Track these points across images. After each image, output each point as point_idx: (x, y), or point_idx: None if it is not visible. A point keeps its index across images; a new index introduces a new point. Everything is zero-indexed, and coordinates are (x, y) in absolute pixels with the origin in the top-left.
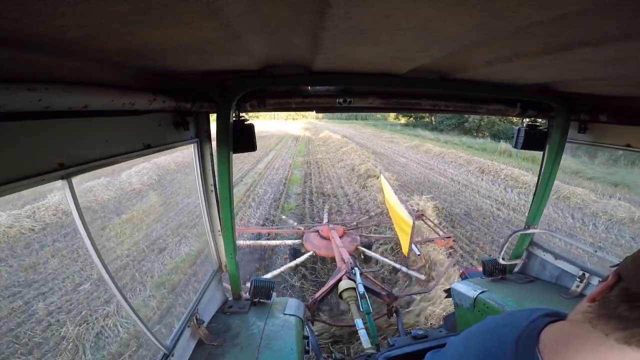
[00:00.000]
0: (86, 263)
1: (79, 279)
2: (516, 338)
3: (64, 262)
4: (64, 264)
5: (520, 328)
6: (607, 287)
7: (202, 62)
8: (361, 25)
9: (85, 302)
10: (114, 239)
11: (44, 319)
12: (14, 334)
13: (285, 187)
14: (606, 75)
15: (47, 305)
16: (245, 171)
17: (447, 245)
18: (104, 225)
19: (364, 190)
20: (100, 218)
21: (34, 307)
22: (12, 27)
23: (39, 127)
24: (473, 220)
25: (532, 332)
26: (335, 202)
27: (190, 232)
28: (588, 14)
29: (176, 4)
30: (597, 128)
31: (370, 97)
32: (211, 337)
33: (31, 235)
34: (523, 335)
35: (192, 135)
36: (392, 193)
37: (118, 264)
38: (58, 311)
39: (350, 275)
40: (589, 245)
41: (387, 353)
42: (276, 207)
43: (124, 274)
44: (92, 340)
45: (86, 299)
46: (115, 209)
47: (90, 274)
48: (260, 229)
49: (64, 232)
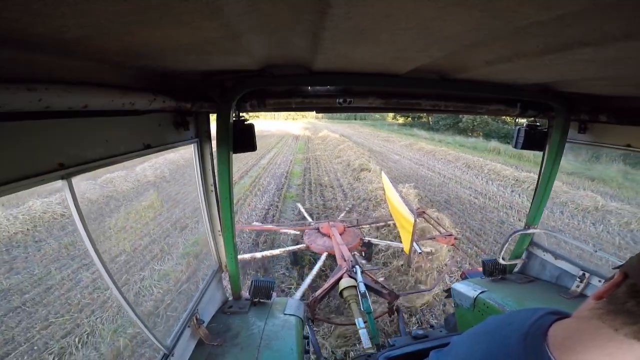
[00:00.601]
0: (116, 239)
1: (116, 251)
2: (523, 335)
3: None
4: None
5: (526, 326)
6: (614, 284)
7: (202, 62)
8: (361, 25)
9: (125, 269)
10: (140, 221)
11: (89, 284)
12: (66, 297)
13: (287, 179)
14: (606, 75)
15: (91, 273)
16: (250, 166)
17: (448, 243)
18: (128, 210)
19: (357, 182)
20: (123, 205)
21: (80, 276)
22: (12, 27)
23: (39, 127)
24: (451, 206)
25: (539, 329)
26: (331, 192)
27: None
28: (588, 14)
29: (176, 4)
30: (597, 128)
31: (370, 97)
32: (211, 337)
33: (63, 219)
34: (530, 332)
35: (192, 135)
36: (393, 190)
37: (147, 240)
38: (101, 278)
39: (351, 274)
40: (590, 246)
41: (387, 353)
42: (279, 195)
43: (153, 247)
44: (132, 299)
45: (125, 267)
46: (135, 197)
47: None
48: (261, 227)
49: (92, 216)
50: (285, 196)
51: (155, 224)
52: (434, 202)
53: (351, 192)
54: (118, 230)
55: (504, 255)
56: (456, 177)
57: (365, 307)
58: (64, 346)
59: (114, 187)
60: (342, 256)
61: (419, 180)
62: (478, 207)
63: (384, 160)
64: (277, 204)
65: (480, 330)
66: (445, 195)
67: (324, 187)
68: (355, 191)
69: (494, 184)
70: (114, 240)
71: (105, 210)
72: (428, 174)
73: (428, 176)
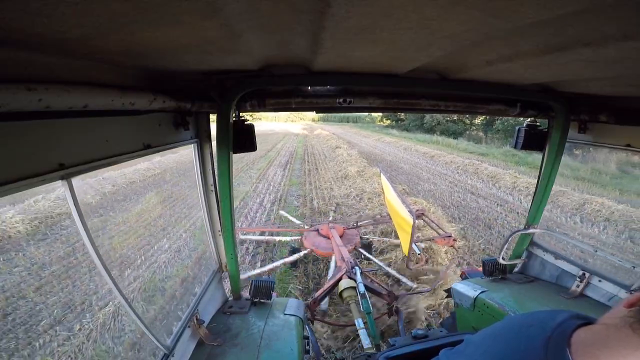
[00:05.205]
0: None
1: (142, 230)
2: (546, 339)
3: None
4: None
5: (548, 329)
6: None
7: (202, 62)
8: (361, 25)
9: (142, 245)
10: (165, 204)
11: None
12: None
13: (293, 156)
14: (606, 75)
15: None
16: (266, 150)
17: (448, 244)
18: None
19: (333, 153)
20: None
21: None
22: (12, 27)
23: (39, 127)
24: (388, 167)
25: (563, 334)
26: (319, 157)
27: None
28: (588, 14)
29: (176, 4)
30: (597, 128)
31: (370, 97)
32: (211, 337)
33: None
34: (553, 336)
35: (192, 135)
36: (393, 192)
37: (166, 220)
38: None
39: (350, 275)
40: (590, 246)
41: (387, 353)
42: (290, 162)
43: (174, 230)
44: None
45: (139, 244)
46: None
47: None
48: (262, 228)
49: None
50: (295, 157)
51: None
52: (371, 162)
53: (328, 156)
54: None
55: (504, 255)
56: (395, 154)
57: (364, 307)
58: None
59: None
60: (341, 257)
61: (370, 155)
62: (403, 171)
63: (355, 146)
64: (291, 161)
65: (498, 330)
66: (383, 161)
67: (316, 155)
68: (329, 157)
69: (420, 158)
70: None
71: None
72: (378, 152)
73: (378, 153)
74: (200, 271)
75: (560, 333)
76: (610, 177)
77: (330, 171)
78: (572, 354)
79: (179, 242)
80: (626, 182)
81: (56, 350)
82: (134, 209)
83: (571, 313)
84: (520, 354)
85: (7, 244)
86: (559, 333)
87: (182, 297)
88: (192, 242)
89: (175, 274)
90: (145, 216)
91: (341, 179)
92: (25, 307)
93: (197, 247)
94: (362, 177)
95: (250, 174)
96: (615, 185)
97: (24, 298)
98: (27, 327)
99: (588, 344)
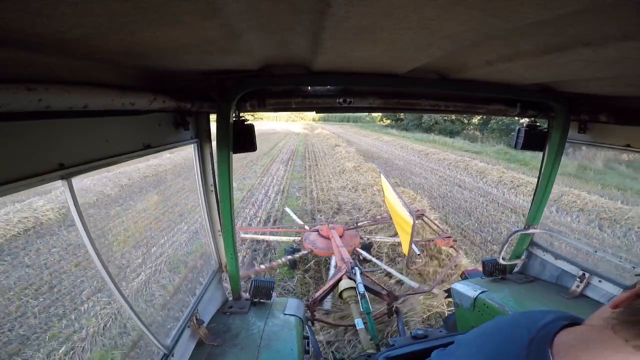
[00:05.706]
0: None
1: (147, 221)
2: (530, 339)
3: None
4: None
5: (534, 329)
6: (634, 294)
7: (202, 62)
8: (361, 25)
9: (148, 238)
10: (176, 195)
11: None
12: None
13: (294, 154)
14: (606, 75)
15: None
16: (269, 148)
17: (447, 245)
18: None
19: (332, 150)
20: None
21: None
22: (12, 27)
23: (39, 127)
24: (383, 163)
25: (547, 335)
26: (319, 154)
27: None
28: (588, 14)
29: (176, 4)
30: (597, 128)
31: (371, 97)
32: (211, 337)
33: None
34: (537, 336)
35: (192, 135)
36: (393, 192)
37: (179, 209)
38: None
39: (350, 275)
40: (590, 246)
41: (387, 353)
42: (292, 158)
43: (189, 218)
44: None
45: (145, 239)
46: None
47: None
48: (262, 229)
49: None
50: (296, 154)
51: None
52: (367, 158)
53: (328, 153)
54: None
55: (504, 255)
56: (391, 152)
57: (364, 307)
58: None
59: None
60: (341, 258)
61: (367, 153)
62: (397, 167)
63: (353, 144)
64: (293, 158)
65: (488, 330)
66: (380, 159)
67: (316, 152)
68: (329, 154)
69: (415, 156)
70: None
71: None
72: (375, 150)
73: (375, 151)
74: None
75: (544, 334)
76: (594, 172)
77: (329, 167)
78: (553, 355)
79: (179, 242)
80: (609, 177)
81: (99, 314)
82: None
83: (559, 314)
84: (506, 355)
85: (41, 229)
86: (543, 334)
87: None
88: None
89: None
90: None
91: (339, 173)
92: (67, 280)
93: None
94: (357, 172)
95: (254, 169)
96: (598, 180)
97: (66, 272)
98: (72, 295)
99: (570, 345)
